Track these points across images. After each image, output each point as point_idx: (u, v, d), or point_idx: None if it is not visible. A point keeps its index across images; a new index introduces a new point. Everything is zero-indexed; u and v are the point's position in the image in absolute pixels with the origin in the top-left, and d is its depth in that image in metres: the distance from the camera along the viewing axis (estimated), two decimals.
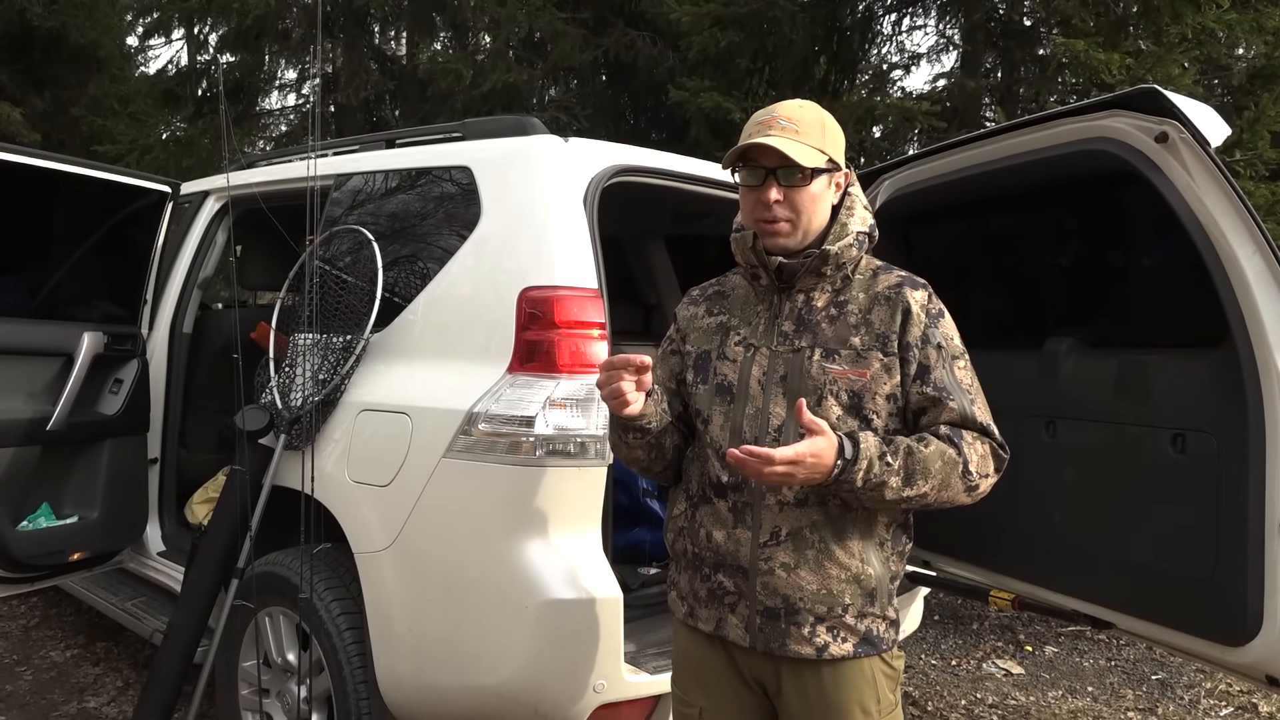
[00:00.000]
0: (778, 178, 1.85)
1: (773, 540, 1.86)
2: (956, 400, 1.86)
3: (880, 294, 1.92)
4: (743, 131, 1.92)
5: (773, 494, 1.86)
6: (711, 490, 1.93)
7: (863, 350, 1.87)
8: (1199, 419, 2.30)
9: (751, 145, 1.85)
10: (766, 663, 1.91)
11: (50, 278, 3.60)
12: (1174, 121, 2.13)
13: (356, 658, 2.73)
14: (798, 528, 1.85)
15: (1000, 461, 1.91)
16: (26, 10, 10.32)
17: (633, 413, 1.85)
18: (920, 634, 4.77)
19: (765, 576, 1.86)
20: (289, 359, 3.12)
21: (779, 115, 1.88)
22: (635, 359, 1.80)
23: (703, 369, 1.99)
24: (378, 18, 9.98)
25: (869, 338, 1.88)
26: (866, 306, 1.91)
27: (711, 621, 1.95)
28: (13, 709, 3.79)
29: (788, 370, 1.89)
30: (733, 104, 6.07)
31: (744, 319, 1.99)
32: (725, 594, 1.91)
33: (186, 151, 9.18)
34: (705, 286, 2.14)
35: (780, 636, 1.86)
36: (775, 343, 1.92)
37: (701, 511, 1.95)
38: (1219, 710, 4.14)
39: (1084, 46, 5.39)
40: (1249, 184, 5.30)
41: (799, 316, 1.93)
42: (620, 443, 1.99)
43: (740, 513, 1.89)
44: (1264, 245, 2.07)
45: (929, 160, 2.89)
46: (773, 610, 1.86)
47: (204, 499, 3.91)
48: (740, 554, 1.88)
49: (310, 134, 3.15)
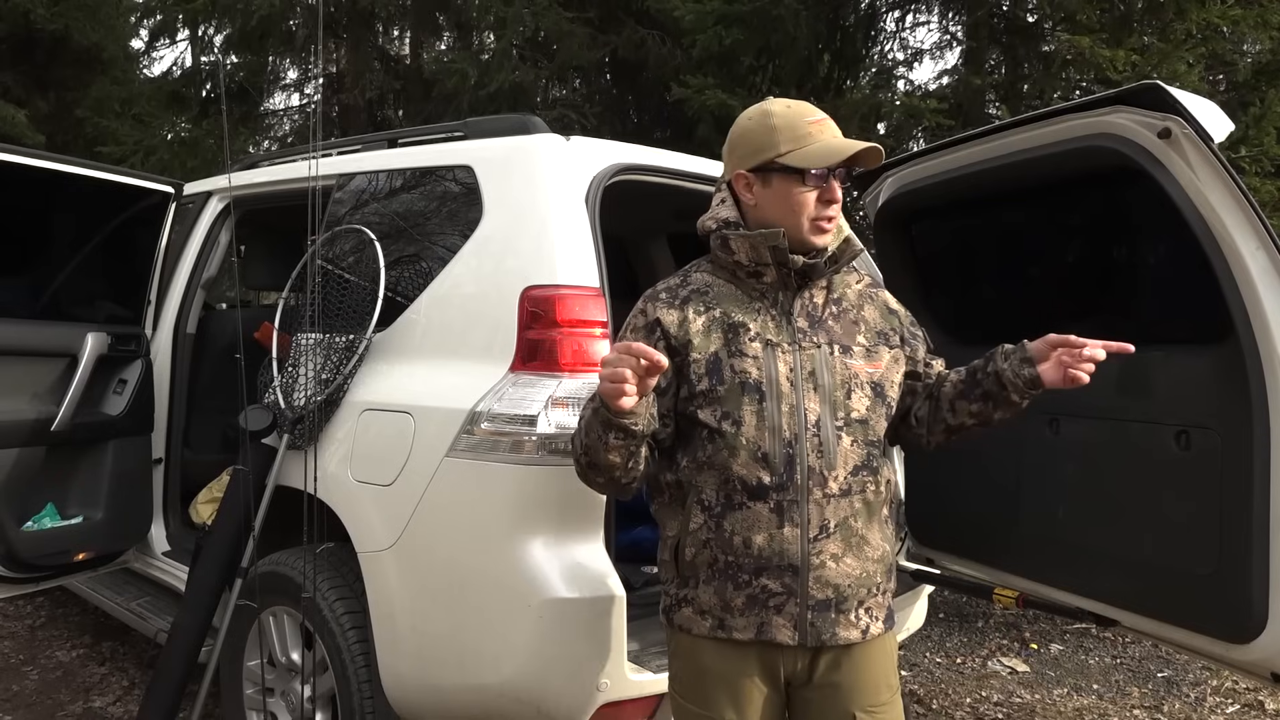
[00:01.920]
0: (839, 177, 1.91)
1: (822, 534, 1.87)
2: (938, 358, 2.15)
3: (863, 293, 2.06)
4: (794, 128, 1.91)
5: (819, 488, 1.86)
6: (744, 494, 1.88)
7: (871, 346, 1.98)
8: (1203, 415, 2.29)
9: (864, 150, 1.88)
10: (804, 656, 1.91)
11: (54, 279, 3.60)
12: (1177, 117, 2.13)
13: (360, 657, 2.73)
14: (843, 518, 1.89)
15: None
16: (30, 12, 10.34)
17: (625, 407, 1.72)
18: (925, 632, 4.76)
19: (817, 570, 1.86)
20: (292, 359, 3.13)
21: (822, 115, 1.95)
22: (654, 355, 1.68)
23: (716, 370, 1.91)
24: (382, 17, 9.98)
25: (871, 335, 2.00)
26: (857, 304, 2.02)
27: (751, 628, 1.89)
28: (19, 708, 3.80)
29: (814, 366, 1.91)
30: (736, 102, 6.06)
31: (748, 315, 1.95)
32: (770, 596, 1.87)
33: (191, 152, 9.19)
34: (672, 288, 2.03)
35: (831, 626, 1.88)
36: (795, 339, 1.93)
37: (731, 519, 1.89)
38: (1225, 707, 4.12)
39: (1089, 43, 5.37)
40: (1254, 180, 5.27)
41: (809, 314, 1.96)
42: (598, 442, 1.84)
43: (784, 511, 1.86)
44: (1268, 241, 2.07)
45: (932, 157, 2.88)
46: (824, 602, 1.88)
47: (208, 499, 3.92)
48: (788, 552, 1.86)
49: (312, 134, 3.15)
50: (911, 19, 7.29)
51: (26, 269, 3.57)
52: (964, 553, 3.04)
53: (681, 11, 6.28)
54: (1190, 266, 2.20)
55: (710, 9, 6.20)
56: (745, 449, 1.87)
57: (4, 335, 3.31)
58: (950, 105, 6.08)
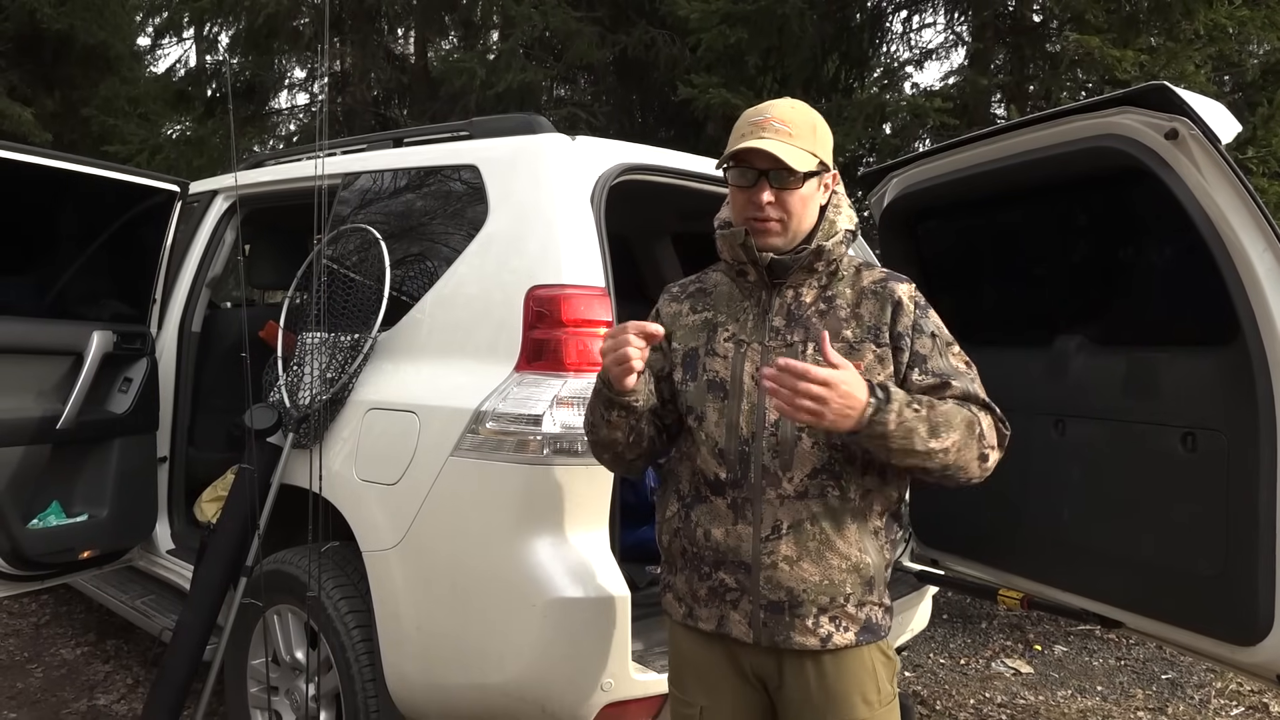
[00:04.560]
0: (770, 180, 1.86)
1: (774, 534, 1.86)
2: (958, 381, 1.89)
3: (867, 289, 1.95)
4: (734, 129, 1.92)
5: (772, 488, 1.85)
6: (707, 488, 1.93)
7: (855, 342, 1.89)
8: (1209, 416, 2.29)
9: (746, 149, 1.84)
10: (769, 657, 1.91)
11: (60, 277, 3.61)
12: (1184, 118, 2.12)
13: (364, 656, 2.73)
14: (798, 520, 1.85)
15: (1002, 437, 1.93)
16: (37, 11, 10.37)
17: (629, 384, 1.81)
18: (929, 633, 4.76)
19: (768, 570, 1.86)
20: (297, 357, 3.13)
21: (772, 117, 1.88)
22: (648, 325, 1.80)
23: (691, 366, 1.98)
24: (388, 16, 9.99)
25: (860, 330, 1.90)
26: (854, 301, 1.94)
27: (713, 620, 1.94)
28: (24, 706, 3.81)
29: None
30: (741, 101, 6.06)
31: (731, 315, 1.98)
32: (727, 591, 1.91)
33: (197, 151, 9.22)
34: (685, 284, 2.12)
35: (785, 629, 1.86)
36: (766, 338, 1.92)
37: (697, 510, 1.94)
38: (1230, 710, 4.11)
39: (1098, 43, 5.36)
40: (1262, 181, 5.27)
41: (789, 312, 1.93)
42: (601, 421, 1.95)
43: (740, 508, 1.88)
44: (1275, 242, 2.07)
45: (937, 158, 2.88)
46: (777, 604, 1.86)
47: (213, 497, 3.92)
48: (742, 550, 1.88)
49: (318, 133, 3.15)
50: (918, 20, 7.30)
51: (32, 267, 3.58)
52: (968, 554, 3.03)
53: (686, 10, 6.29)
54: (1197, 268, 2.19)
55: (715, 8, 6.20)
56: (705, 444, 1.92)
57: (10, 333, 3.32)
58: (956, 106, 6.08)
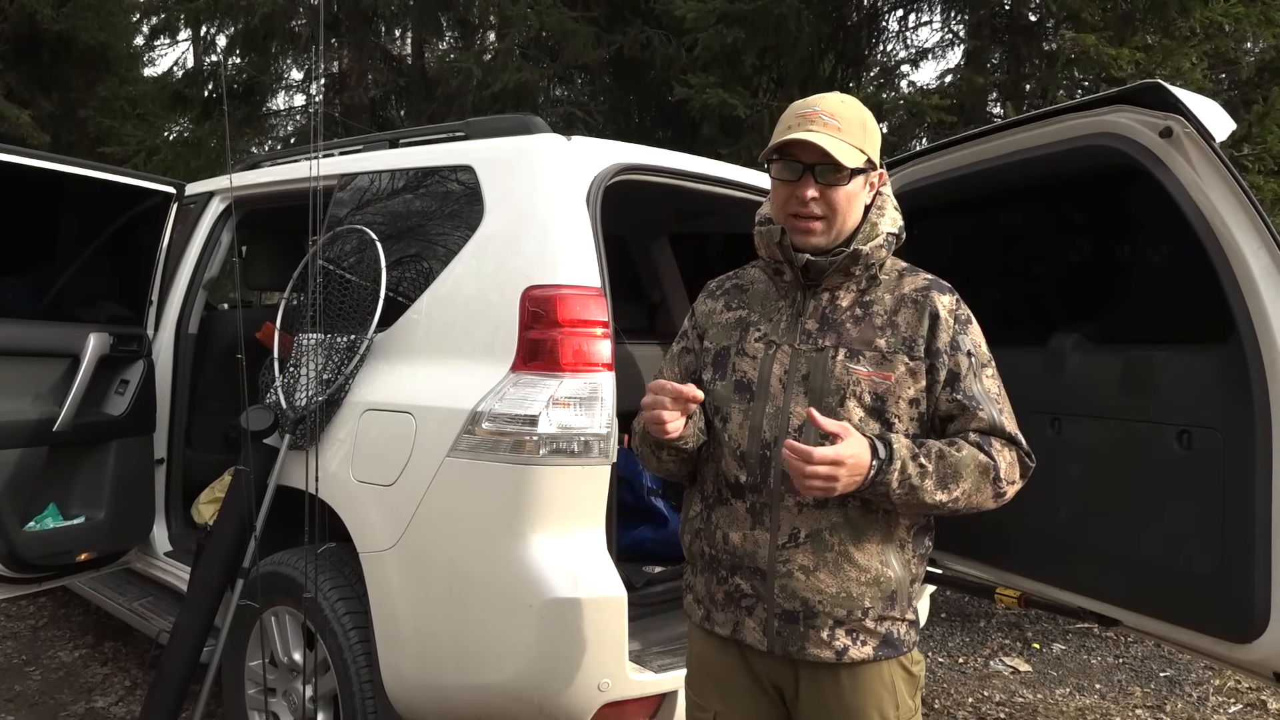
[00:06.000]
0: (815, 174, 1.78)
1: (791, 542, 1.81)
2: (986, 410, 1.83)
3: (907, 296, 1.87)
4: (780, 121, 1.85)
5: (791, 494, 1.80)
6: (728, 491, 1.89)
7: (888, 353, 1.82)
8: (1205, 415, 2.28)
9: (793, 140, 1.77)
10: (784, 667, 1.87)
11: (56, 279, 3.61)
12: (1178, 116, 2.12)
13: (362, 657, 2.73)
14: (817, 529, 1.80)
15: (1026, 469, 1.89)
16: (36, 13, 10.37)
17: (671, 436, 1.80)
18: (927, 631, 4.76)
19: (784, 579, 1.81)
20: (293, 359, 3.13)
21: (821, 110, 1.80)
22: (686, 390, 1.75)
23: (721, 365, 1.92)
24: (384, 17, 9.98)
25: (895, 340, 1.83)
26: (893, 308, 1.86)
27: (728, 625, 1.90)
28: (22, 708, 3.80)
29: (810, 369, 1.83)
30: (737, 100, 6.06)
31: (765, 315, 1.93)
32: (743, 597, 1.87)
33: (194, 152, 9.22)
34: (722, 280, 2.06)
35: (799, 640, 1.82)
36: (798, 340, 1.86)
37: (718, 513, 1.90)
38: (1227, 707, 4.12)
39: (1094, 41, 5.37)
40: (1257, 178, 5.27)
41: (823, 315, 1.87)
42: (652, 456, 1.95)
43: (758, 514, 1.84)
44: (1269, 240, 2.06)
45: (933, 156, 2.88)
46: (791, 613, 1.82)
47: (210, 499, 3.92)
48: (758, 555, 1.84)
49: (313, 135, 3.15)
50: (914, 18, 7.30)
51: (29, 269, 3.57)
52: (966, 552, 3.03)
53: (683, 10, 6.28)
54: (1192, 266, 2.19)
55: (712, 7, 6.20)
56: (728, 446, 1.88)
57: (6, 335, 3.31)
58: (953, 104, 6.09)
